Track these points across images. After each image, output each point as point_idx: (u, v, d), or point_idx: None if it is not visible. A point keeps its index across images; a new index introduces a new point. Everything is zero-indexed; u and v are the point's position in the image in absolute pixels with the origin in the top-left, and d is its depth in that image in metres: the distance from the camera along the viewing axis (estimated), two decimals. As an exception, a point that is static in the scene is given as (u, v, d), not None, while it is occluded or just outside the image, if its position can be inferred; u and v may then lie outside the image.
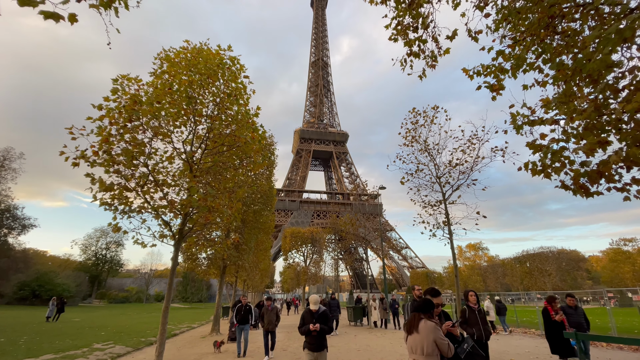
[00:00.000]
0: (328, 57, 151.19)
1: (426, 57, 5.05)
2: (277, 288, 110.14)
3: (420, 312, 2.95)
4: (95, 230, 68.10)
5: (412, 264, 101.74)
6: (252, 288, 39.41)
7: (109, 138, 4.91)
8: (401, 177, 8.15)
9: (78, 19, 2.31)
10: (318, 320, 5.11)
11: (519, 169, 4.58)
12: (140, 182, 5.58)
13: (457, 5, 5.30)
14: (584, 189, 4.08)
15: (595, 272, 69.19)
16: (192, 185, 5.06)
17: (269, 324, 8.91)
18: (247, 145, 6.50)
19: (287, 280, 49.44)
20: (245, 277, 24.17)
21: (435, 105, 8.21)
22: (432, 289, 3.29)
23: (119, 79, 5.10)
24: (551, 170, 4.18)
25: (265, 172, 14.25)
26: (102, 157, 4.88)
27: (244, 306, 9.62)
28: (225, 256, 12.72)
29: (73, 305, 45.55)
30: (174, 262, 6.17)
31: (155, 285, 69.92)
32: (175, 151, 6.57)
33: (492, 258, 79.25)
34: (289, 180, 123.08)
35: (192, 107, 5.59)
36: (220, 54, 6.70)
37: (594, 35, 3.54)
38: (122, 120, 5.06)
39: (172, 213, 5.61)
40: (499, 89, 4.66)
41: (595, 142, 3.65)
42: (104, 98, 4.93)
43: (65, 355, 9.61)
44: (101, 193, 5.24)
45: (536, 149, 4.29)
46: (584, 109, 3.92)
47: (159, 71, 6.01)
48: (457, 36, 4.84)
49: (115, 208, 5.79)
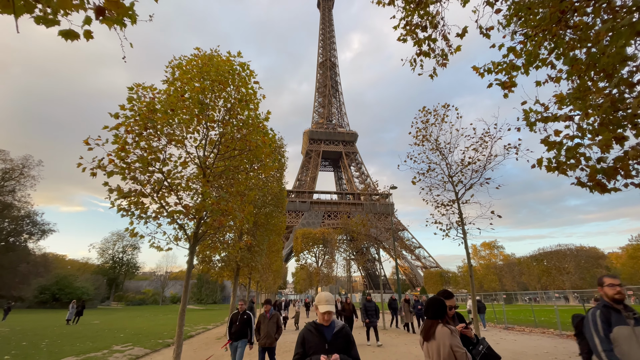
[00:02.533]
0: (336, 58, 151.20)
1: (436, 55, 5.03)
2: (289, 289, 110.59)
3: (436, 317, 2.91)
4: (112, 234, 69.96)
5: (425, 263, 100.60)
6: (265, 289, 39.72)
7: (125, 146, 5.07)
8: (413, 177, 8.10)
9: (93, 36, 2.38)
10: (335, 347, 2.63)
11: (532, 166, 4.51)
12: (155, 187, 5.73)
13: (467, 2, 5.26)
14: (601, 186, 4.00)
15: (615, 269, 66.97)
16: (205, 190, 5.16)
17: (266, 338, 6.56)
18: (258, 149, 6.60)
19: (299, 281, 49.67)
20: (258, 278, 24.37)
21: (446, 104, 8.14)
22: (445, 291, 3.28)
23: (134, 87, 5.26)
24: (566, 167, 4.11)
25: (276, 174, 14.37)
26: (119, 166, 5.03)
27: (241, 315, 7.02)
28: (238, 258, 12.88)
29: (92, 307, 46.76)
30: (189, 264, 6.30)
31: (170, 287, 71.18)
32: (189, 156, 6.72)
33: (508, 257, 77.65)
34: (299, 182, 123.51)
35: (204, 113, 5.71)
36: (231, 60, 6.83)
37: (606, 28, 3.48)
38: (137, 128, 5.21)
39: (187, 217, 5.73)
40: (510, 86, 4.60)
41: (610, 138, 3.58)
42: (120, 106, 5.09)
43: (86, 358, 9.89)
44: (119, 200, 5.40)
45: (550, 145, 4.22)
46: (599, 104, 3.86)
47: (171, 79, 6.16)
48: (468, 33, 4.80)
49: (132, 214, 5.96)
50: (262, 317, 6.88)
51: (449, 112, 7.94)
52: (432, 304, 2.95)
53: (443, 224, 7.58)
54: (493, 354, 2.85)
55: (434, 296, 3.02)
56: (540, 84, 4.74)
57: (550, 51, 4.45)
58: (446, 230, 7.44)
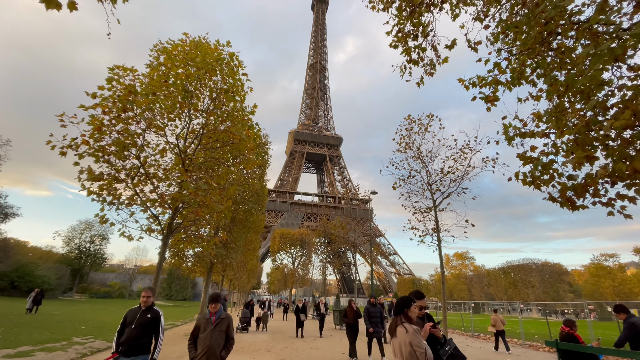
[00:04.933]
0: (326, 61, 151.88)
1: (425, 65, 5.13)
2: (263, 289, 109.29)
3: (396, 314, 2.95)
4: (80, 223, 66.52)
5: (399, 270, 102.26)
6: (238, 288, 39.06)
7: (101, 127, 4.83)
8: (394, 182, 8.21)
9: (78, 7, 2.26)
10: None
11: (509, 179, 4.67)
12: (131, 173, 5.50)
13: (457, 16, 5.41)
14: (571, 202, 4.18)
15: (577, 286, 70.64)
16: (184, 179, 5.00)
17: (205, 356, 4.09)
18: (241, 142, 6.48)
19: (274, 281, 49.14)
20: (232, 276, 23.94)
21: (430, 114, 8.34)
22: (417, 292, 3.34)
23: (115, 68, 5.03)
24: (540, 181, 4.28)
25: (258, 171, 14.19)
26: (92, 147, 4.79)
27: (142, 312, 4.45)
28: (213, 254, 12.58)
29: (53, 298, 44.36)
30: (161, 257, 6.08)
31: (139, 281, 68.60)
32: (168, 145, 6.51)
33: (478, 268, 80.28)
34: (281, 181, 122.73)
35: (188, 100, 5.55)
36: (219, 49, 6.68)
37: (586, 53, 3.65)
38: (115, 110, 4.99)
39: (161, 207, 5.53)
40: (493, 100, 4.75)
41: (583, 156, 3.74)
42: (98, 87, 4.86)
43: (44, 348, 9.35)
44: (89, 183, 5.14)
45: (526, 160, 4.39)
46: (574, 123, 4.03)
47: (155, 63, 5.95)
48: (457, 46, 4.93)
49: (104, 199, 5.69)
50: (202, 322, 4.23)
51: (432, 122, 8.15)
52: (397, 301, 3.02)
53: (420, 230, 7.75)
54: (459, 355, 2.91)
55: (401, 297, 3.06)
56: (522, 100, 4.92)
57: (533, 70, 4.63)
58: (422, 236, 7.60)
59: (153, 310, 4.51)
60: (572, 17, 3.98)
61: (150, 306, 4.55)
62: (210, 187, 5.68)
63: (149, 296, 4.57)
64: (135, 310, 4.48)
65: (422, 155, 8.07)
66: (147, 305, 4.53)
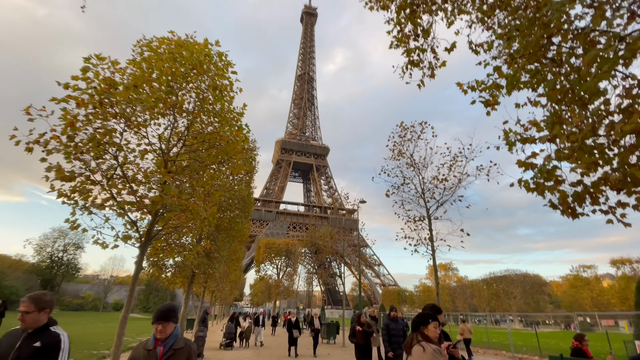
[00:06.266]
0: (314, 72, 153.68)
1: (422, 67, 5.00)
2: (246, 301, 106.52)
3: (413, 330, 2.66)
4: (54, 230, 63.30)
5: (384, 281, 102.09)
6: (220, 300, 37.73)
7: (74, 123, 4.38)
8: (383, 193, 8.06)
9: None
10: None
11: (511, 184, 4.52)
12: (107, 174, 5.04)
13: (451, 23, 5.34)
14: (571, 210, 4.08)
15: (556, 297, 72.30)
16: (166, 180, 4.57)
17: None
18: (229, 145, 6.13)
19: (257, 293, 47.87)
20: (214, 287, 23.01)
21: (423, 121, 8.28)
22: (433, 306, 3.04)
23: (92, 57, 4.61)
24: (544, 188, 4.17)
25: (245, 177, 13.73)
26: (64, 143, 4.33)
27: (24, 340, 2.47)
28: (195, 264, 11.94)
29: (19, 311, 41.63)
30: (137, 266, 5.57)
31: (114, 293, 65.51)
32: (150, 146, 6.07)
33: (461, 279, 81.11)
34: (267, 190, 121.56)
35: (171, 96, 5.18)
36: (208, 47, 6.38)
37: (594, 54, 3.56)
38: (91, 104, 4.55)
39: (139, 211, 5.07)
40: (494, 104, 4.64)
41: (591, 162, 3.63)
42: (72, 77, 4.42)
43: (0, 369, 8.45)
44: (60, 184, 4.64)
45: (526, 166, 4.28)
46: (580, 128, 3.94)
47: (139, 58, 5.57)
48: (455, 49, 4.82)
49: (76, 202, 5.19)
50: (140, 355, 2.59)
51: (426, 129, 8.06)
52: (417, 316, 2.72)
53: (414, 239, 7.55)
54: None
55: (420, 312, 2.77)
56: (520, 106, 4.83)
57: (532, 75, 4.54)
58: (415, 246, 7.40)
59: (46, 335, 2.55)
60: (572, 22, 3.94)
61: (41, 328, 2.57)
62: (195, 190, 5.28)
63: (29, 311, 2.53)
64: (13, 335, 2.56)
65: (415, 162, 7.96)
66: (31, 326, 2.54)
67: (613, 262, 54.07)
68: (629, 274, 51.31)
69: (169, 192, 4.49)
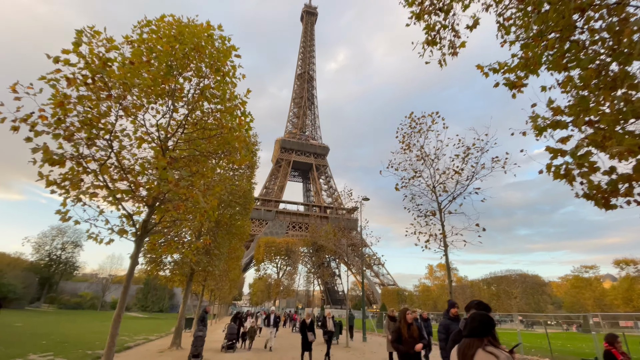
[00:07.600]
0: (314, 72, 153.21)
1: (442, 47, 4.67)
2: (245, 301, 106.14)
3: (478, 335, 2.12)
4: (52, 229, 62.65)
5: (383, 280, 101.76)
6: (219, 299, 37.36)
7: (64, 103, 4.01)
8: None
9: None
10: None
11: (539, 171, 4.21)
12: (100, 161, 4.67)
13: (467, 7, 5.02)
14: (605, 200, 3.78)
15: (556, 297, 72.01)
16: (163, 165, 4.18)
17: None
18: (231, 132, 5.77)
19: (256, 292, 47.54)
20: (213, 286, 22.68)
21: (433, 112, 7.91)
22: (481, 303, 2.59)
23: (85, 30, 4.22)
24: (579, 174, 3.87)
25: (247, 171, 13.37)
26: (52, 124, 3.96)
27: None
28: (194, 261, 11.58)
29: (19, 308, 41.37)
30: (133, 260, 5.22)
31: (112, 291, 64.94)
32: (148, 136, 5.71)
33: (461, 279, 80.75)
34: (267, 189, 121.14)
35: (172, 77, 4.82)
36: (210, 31, 6.03)
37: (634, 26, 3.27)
38: (83, 84, 4.18)
39: (134, 200, 4.71)
40: (520, 86, 4.31)
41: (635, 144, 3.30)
42: (63, 50, 4.01)
43: (-10, 369, 8.10)
44: (49, 169, 4.28)
45: (556, 153, 3.98)
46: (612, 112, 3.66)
47: (137, 38, 5.22)
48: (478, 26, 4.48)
49: (67, 191, 4.82)
50: None
51: (437, 120, 7.71)
52: (476, 318, 2.22)
53: (425, 234, 7.18)
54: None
55: (476, 311, 2.31)
56: (546, 89, 4.49)
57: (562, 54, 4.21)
58: (427, 241, 7.04)
59: None
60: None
61: None
62: (195, 177, 4.92)
63: None
64: None
65: (426, 154, 7.59)
66: None
67: (616, 263, 53.65)
68: (633, 274, 50.93)
69: (167, 178, 4.12)
